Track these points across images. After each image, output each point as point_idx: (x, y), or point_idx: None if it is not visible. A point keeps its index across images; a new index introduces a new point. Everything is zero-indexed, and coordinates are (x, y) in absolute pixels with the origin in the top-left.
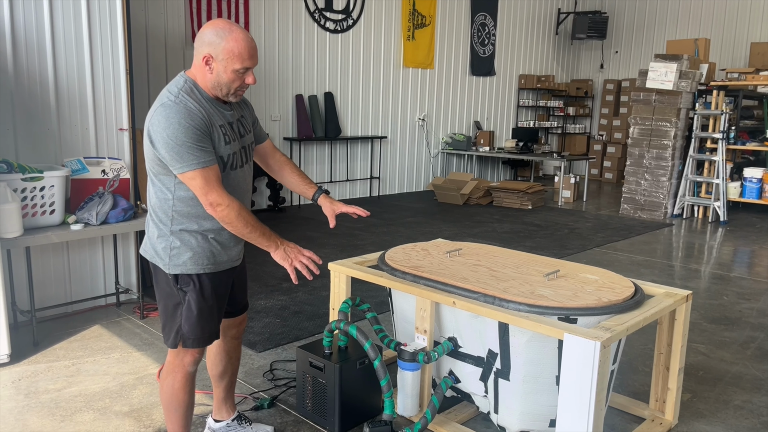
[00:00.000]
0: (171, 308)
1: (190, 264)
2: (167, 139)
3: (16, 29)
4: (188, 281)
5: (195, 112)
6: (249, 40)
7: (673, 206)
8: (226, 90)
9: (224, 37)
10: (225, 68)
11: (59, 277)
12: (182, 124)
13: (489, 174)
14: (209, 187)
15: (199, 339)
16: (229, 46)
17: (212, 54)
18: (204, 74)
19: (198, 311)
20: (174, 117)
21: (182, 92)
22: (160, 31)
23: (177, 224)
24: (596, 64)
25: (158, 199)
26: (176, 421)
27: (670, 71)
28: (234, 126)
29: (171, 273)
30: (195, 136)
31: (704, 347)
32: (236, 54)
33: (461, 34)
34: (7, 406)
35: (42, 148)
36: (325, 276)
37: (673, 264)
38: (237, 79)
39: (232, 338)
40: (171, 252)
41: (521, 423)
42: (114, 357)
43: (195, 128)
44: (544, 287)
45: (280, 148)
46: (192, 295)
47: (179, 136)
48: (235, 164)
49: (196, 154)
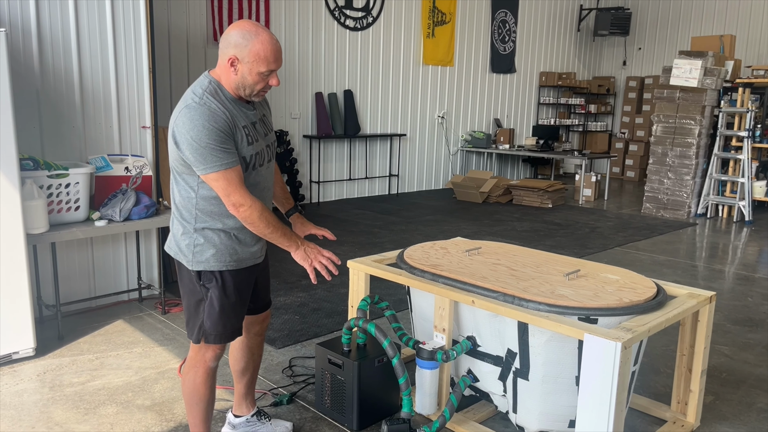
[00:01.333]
0: (194, 304)
1: (213, 261)
2: (191, 141)
3: (42, 29)
4: (211, 278)
5: (219, 113)
6: (275, 43)
7: (697, 205)
8: (249, 91)
9: (250, 40)
10: (250, 70)
11: (83, 273)
12: (206, 126)
13: (509, 172)
14: (231, 188)
15: (221, 335)
16: (255, 49)
17: (238, 56)
18: (228, 75)
19: (220, 307)
20: (198, 119)
21: (206, 93)
22: (182, 30)
23: (200, 222)
24: (619, 60)
25: (182, 198)
26: (197, 415)
27: (695, 68)
28: (257, 126)
29: (194, 269)
30: (218, 138)
31: (728, 349)
32: (262, 57)
33: (481, 31)
34: (33, 399)
35: (67, 146)
36: (344, 274)
37: (697, 264)
38: (261, 81)
39: (255, 335)
40: (194, 249)
41: (540, 423)
42: (136, 351)
43: (218, 130)
44: (564, 287)
45: (299, 146)
46: (214, 291)
47: (203, 138)
48: (257, 163)
49: (219, 156)
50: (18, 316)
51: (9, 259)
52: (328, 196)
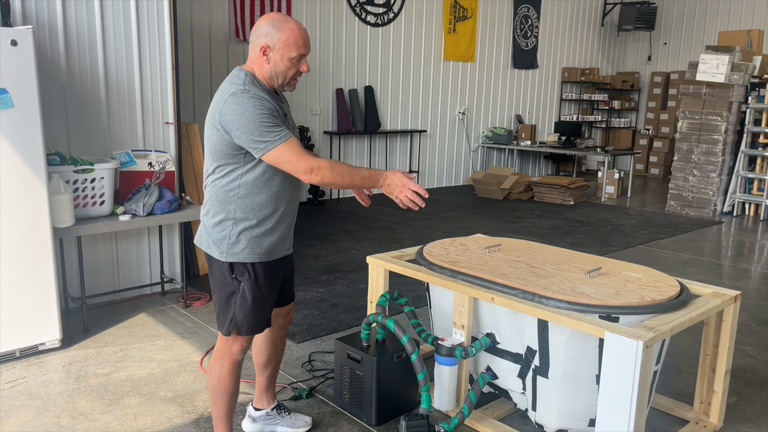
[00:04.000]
0: (225, 297)
1: (247, 253)
2: (247, 123)
3: (68, 26)
4: (243, 270)
5: (265, 98)
6: (303, 29)
7: (723, 203)
8: (282, 79)
9: (280, 28)
10: (282, 57)
11: (108, 266)
12: (257, 106)
13: (530, 169)
14: (297, 157)
15: (252, 327)
16: (285, 36)
17: (269, 44)
18: (261, 65)
19: (252, 299)
20: (248, 102)
21: (247, 83)
22: (205, 27)
23: (236, 214)
24: (643, 56)
25: (222, 189)
26: (221, 406)
27: (722, 63)
28: (287, 117)
29: (227, 261)
30: (272, 117)
31: (752, 349)
32: (292, 42)
33: (503, 27)
34: (58, 389)
35: (92, 141)
36: (363, 269)
37: (722, 263)
38: (293, 67)
39: (279, 328)
40: (229, 241)
41: (560, 421)
42: (159, 344)
43: (270, 110)
44: (585, 285)
45: (320, 142)
46: (247, 284)
47: (257, 118)
48: None
49: (276, 131)
50: (44, 308)
51: (36, 252)
52: (348, 192)
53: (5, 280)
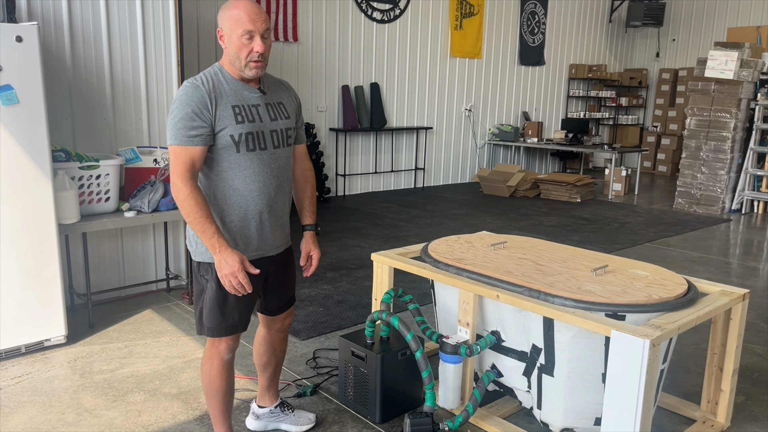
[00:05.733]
0: (197, 295)
1: (209, 252)
2: (172, 110)
3: (73, 22)
4: (208, 269)
5: (200, 89)
6: (250, 5)
7: (732, 201)
8: (239, 62)
9: (227, 9)
10: (230, 37)
11: (113, 262)
12: (180, 100)
13: (537, 166)
14: (174, 165)
15: (215, 328)
16: (229, 14)
17: (222, 27)
18: (225, 54)
19: (215, 300)
20: (181, 91)
21: (203, 74)
22: (211, 23)
23: None
24: (651, 52)
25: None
26: (215, 406)
27: (731, 60)
28: (260, 108)
29: (195, 260)
30: (187, 114)
31: (761, 348)
32: (236, 19)
33: (510, 23)
34: (63, 385)
35: (98, 138)
36: (368, 266)
37: (730, 261)
38: (243, 46)
39: (277, 331)
40: (196, 239)
41: (565, 420)
42: (164, 341)
43: (191, 104)
44: (591, 282)
45: (326, 139)
46: (211, 284)
47: (175, 112)
48: (252, 145)
49: (180, 131)
50: (50, 304)
51: (41, 248)
52: (354, 189)
53: (11, 277)
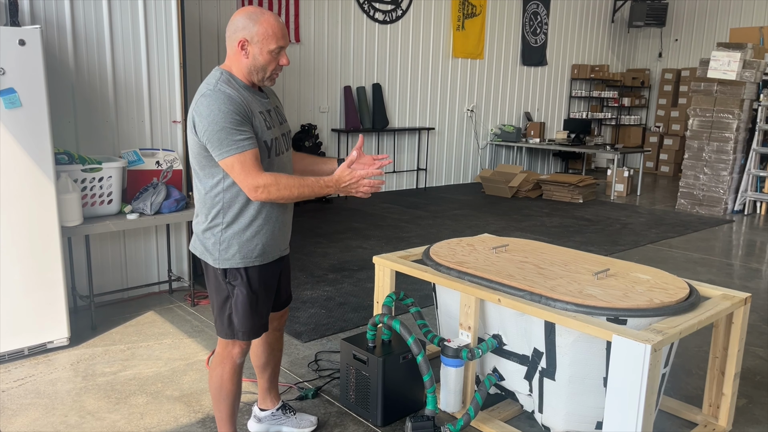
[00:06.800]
0: (221, 302)
1: (239, 258)
2: (208, 125)
3: (76, 25)
4: (236, 275)
5: (234, 98)
6: (280, 21)
7: (734, 202)
8: (262, 74)
9: (257, 21)
10: (261, 50)
11: (116, 264)
12: (221, 109)
13: (539, 166)
14: (245, 173)
15: (249, 331)
16: (263, 29)
17: (247, 38)
18: (239, 60)
19: (248, 304)
20: (214, 104)
21: (220, 82)
22: (213, 24)
23: (225, 218)
24: (654, 52)
25: (207, 193)
26: (224, 409)
27: (734, 60)
28: (272, 113)
29: (220, 267)
30: (234, 121)
31: (763, 351)
32: (270, 34)
33: (512, 24)
34: (66, 388)
35: (101, 140)
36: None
37: (733, 263)
38: (273, 60)
39: (274, 330)
40: (220, 246)
41: (566, 424)
42: (166, 343)
43: (234, 113)
44: (592, 286)
45: (328, 140)
46: (241, 289)
47: (219, 122)
48: (278, 150)
49: (234, 139)
50: (53, 306)
51: (44, 250)
52: None
53: (14, 279)
